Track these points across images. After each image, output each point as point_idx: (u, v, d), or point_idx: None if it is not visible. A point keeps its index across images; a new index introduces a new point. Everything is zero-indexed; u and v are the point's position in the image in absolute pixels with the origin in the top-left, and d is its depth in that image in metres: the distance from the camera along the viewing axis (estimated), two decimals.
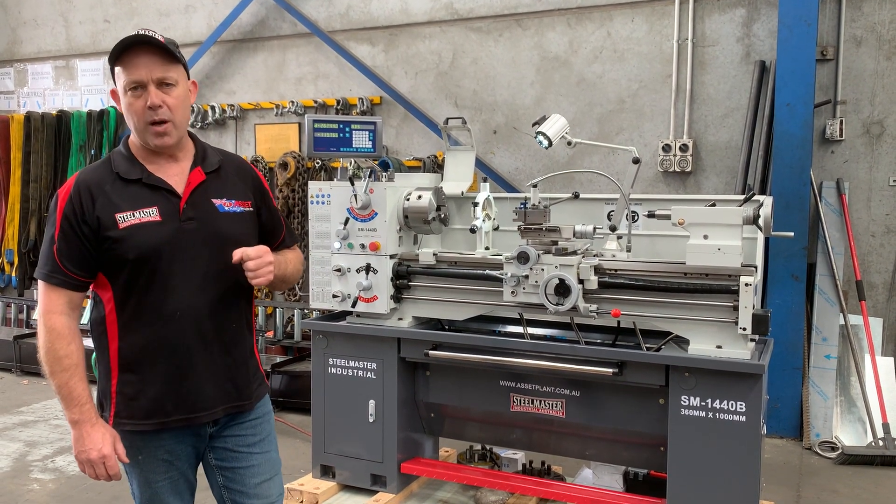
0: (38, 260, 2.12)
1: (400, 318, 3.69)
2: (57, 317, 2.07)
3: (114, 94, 2.16)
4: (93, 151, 7.76)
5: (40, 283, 2.11)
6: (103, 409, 2.18)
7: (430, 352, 3.56)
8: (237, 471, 2.29)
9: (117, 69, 2.09)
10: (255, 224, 2.31)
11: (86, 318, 2.36)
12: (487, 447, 4.08)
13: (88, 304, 2.26)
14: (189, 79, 2.21)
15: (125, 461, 2.12)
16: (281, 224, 2.43)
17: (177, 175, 2.18)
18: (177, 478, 2.23)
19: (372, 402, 3.69)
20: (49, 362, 2.07)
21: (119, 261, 2.08)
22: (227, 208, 2.22)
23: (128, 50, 2.06)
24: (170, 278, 2.10)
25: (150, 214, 2.10)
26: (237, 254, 2.11)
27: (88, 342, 2.22)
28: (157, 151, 2.16)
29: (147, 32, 2.08)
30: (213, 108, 7.37)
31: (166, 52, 2.08)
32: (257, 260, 2.13)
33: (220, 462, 2.30)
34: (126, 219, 2.08)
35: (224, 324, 2.21)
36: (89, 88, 8.19)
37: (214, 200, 2.20)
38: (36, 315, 2.13)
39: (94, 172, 2.15)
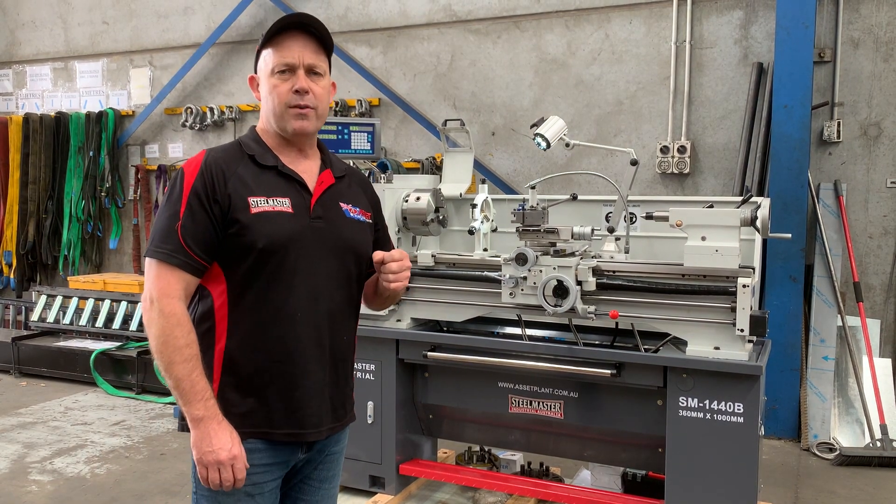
0: (153, 238, 1.89)
1: (398, 320, 3.70)
2: (175, 302, 1.84)
3: (252, 80, 2.06)
4: (91, 153, 7.76)
5: (155, 264, 1.86)
6: None
7: (429, 353, 3.57)
8: (300, 501, 2.13)
9: (266, 51, 1.99)
10: (372, 238, 2.17)
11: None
12: (486, 448, 4.08)
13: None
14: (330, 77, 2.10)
15: (247, 466, 1.89)
16: (391, 244, 2.30)
17: (306, 172, 2.04)
18: None
19: (370, 404, 3.69)
20: (168, 352, 1.82)
21: (244, 249, 1.90)
22: (353, 215, 2.09)
23: (283, 32, 1.97)
24: (294, 275, 1.94)
25: (283, 205, 1.94)
26: (378, 255, 2.00)
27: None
28: (291, 141, 2.03)
29: (304, 16, 1.99)
30: (211, 109, 7.37)
31: (320, 40, 2.00)
32: (401, 262, 2.00)
33: (288, 490, 2.11)
34: (258, 204, 1.91)
35: (337, 334, 2.04)
36: (88, 90, 8.18)
37: (342, 204, 2.07)
38: (142, 299, 1.86)
39: (224, 152, 1.99)
